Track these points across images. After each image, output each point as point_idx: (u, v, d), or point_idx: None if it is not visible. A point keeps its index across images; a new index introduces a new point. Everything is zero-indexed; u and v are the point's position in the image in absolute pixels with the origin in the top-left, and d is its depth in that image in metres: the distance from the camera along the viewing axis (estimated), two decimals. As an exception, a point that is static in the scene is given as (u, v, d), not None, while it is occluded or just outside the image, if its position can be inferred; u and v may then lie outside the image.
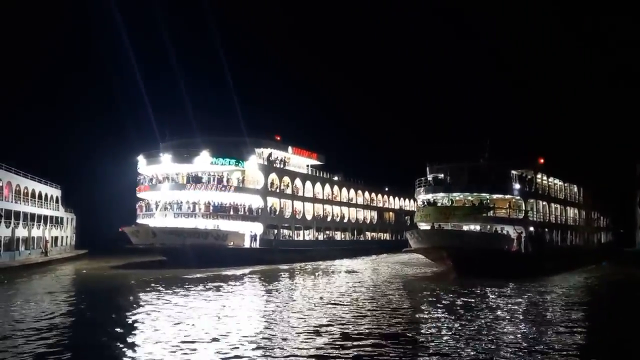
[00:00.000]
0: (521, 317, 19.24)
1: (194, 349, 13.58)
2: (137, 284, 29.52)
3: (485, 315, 19.18)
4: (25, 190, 44.73)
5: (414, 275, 36.07)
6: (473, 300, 23.21)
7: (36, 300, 22.35)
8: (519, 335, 15.81)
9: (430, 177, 39.90)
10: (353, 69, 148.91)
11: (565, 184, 46.79)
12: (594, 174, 62.97)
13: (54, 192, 52.20)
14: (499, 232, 37.35)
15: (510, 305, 21.78)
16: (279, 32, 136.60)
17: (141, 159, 48.09)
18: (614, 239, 61.99)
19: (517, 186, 38.63)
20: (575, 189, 49.20)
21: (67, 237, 55.53)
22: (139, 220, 47.91)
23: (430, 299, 23.73)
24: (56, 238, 51.39)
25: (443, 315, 19.34)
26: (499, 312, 19.96)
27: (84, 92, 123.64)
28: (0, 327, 16.27)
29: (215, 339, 14.62)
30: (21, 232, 42.22)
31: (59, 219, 52.77)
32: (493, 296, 24.57)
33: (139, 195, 49.27)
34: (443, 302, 22.67)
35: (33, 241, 44.50)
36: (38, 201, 47.02)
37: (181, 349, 13.54)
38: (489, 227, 37.60)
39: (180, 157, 46.33)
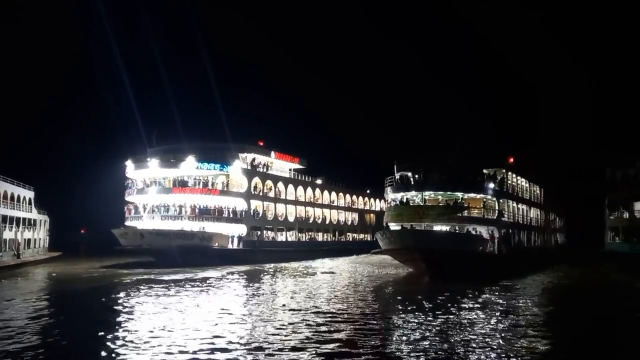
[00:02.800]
0: (499, 322, 18.12)
1: (168, 346, 13.83)
2: (116, 285, 29.64)
3: (462, 322, 17.83)
4: None
5: (390, 277, 34.44)
6: (449, 305, 21.41)
7: (12, 303, 21.94)
8: (493, 340, 15.04)
9: (397, 176, 38.27)
10: (334, 77, 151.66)
11: (530, 185, 46.53)
12: (556, 175, 65.30)
13: (27, 193, 50.58)
14: (472, 232, 36.13)
15: (488, 311, 20.46)
16: (261, 43, 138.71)
17: (129, 164, 49.72)
18: (566, 240, 62.58)
19: (490, 185, 37.57)
20: (537, 190, 49.21)
21: (40, 239, 53.86)
22: (128, 223, 49.41)
23: (401, 305, 21.92)
24: (29, 240, 49.81)
25: (414, 321, 17.82)
26: (476, 318, 18.72)
27: (71, 99, 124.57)
28: None
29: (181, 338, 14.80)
30: None
31: (32, 221, 51.12)
32: (470, 301, 22.97)
33: (127, 198, 50.78)
34: (415, 306, 21.02)
35: (5, 243, 43.25)
36: (10, 203, 45.70)
37: (152, 346, 13.86)
38: (457, 227, 36.08)
39: (167, 162, 48.05)
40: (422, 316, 18.75)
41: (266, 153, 55.69)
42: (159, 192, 48.06)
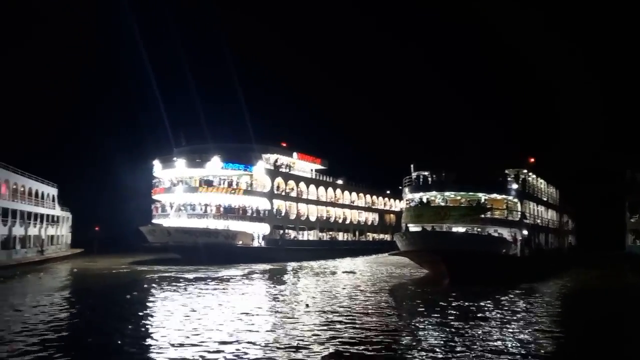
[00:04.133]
0: (526, 328, 17.32)
1: (199, 344, 14.09)
2: (142, 282, 30.35)
3: (488, 327, 17.15)
4: (22, 189, 43.58)
5: (409, 279, 33.63)
6: (471, 308, 20.85)
7: (42, 298, 22.41)
8: (512, 345, 14.62)
9: (414, 176, 37.21)
10: (353, 81, 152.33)
11: (546, 186, 45.45)
12: (571, 176, 64.32)
13: (51, 190, 50.80)
14: (493, 234, 34.78)
15: (518, 315, 19.75)
16: (285, 48, 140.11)
17: (157, 164, 51.05)
18: (577, 242, 61.39)
19: (514, 186, 36.19)
20: (553, 191, 48.12)
21: (63, 235, 54.10)
22: (155, 221, 50.71)
23: (422, 308, 21.37)
24: (52, 237, 50.05)
25: (435, 323, 17.62)
26: (506, 323, 17.93)
27: (100, 100, 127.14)
28: (12, 325, 16.50)
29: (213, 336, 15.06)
30: (18, 230, 41.16)
31: (55, 218, 51.43)
32: (495, 304, 22.18)
33: (155, 197, 52.15)
34: (438, 308, 20.68)
35: (30, 240, 43.43)
36: (35, 199, 46.06)
37: (182, 345, 14.03)
38: (479, 229, 34.73)
39: (194, 162, 49.26)
40: (444, 319, 18.45)
41: (289, 154, 56.58)
42: (185, 191, 49.26)
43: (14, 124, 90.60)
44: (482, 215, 34.36)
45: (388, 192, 77.56)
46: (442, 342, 14.91)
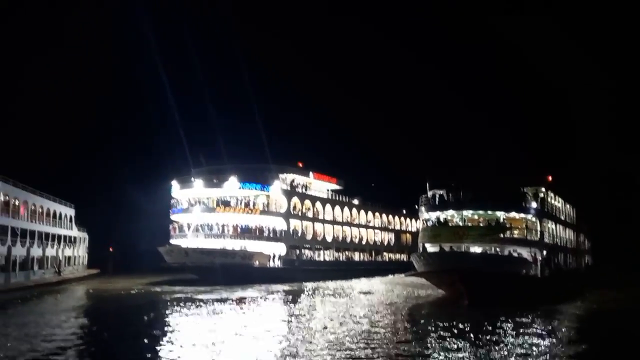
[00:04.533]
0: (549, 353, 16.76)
1: None
2: (159, 302, 30.50)
3: (510, 353, 16.66)
4: (40, 210, 43.53)
5: (427, 300, 33.13)
6: (495, 331, 20.26)
7: (60, 319, 22.67)
8: None
9: (430, 194, 36.87)
10: (372, 96, 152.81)
11: (563, 204, 44.09)
12: (587, 193, 62.86)
13: (68, 211, 50.81)
14: (512, 254, 33.76)
15: (541, 339, 19.21)
16: (303, 62, 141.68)
17: (175, 184, 51.44)
18: (593, 261, 58.83)
19: (533, 205, 35.45)
20: (570, 209, 46.64)
21: (79, 256, 54.03)
22: (173, 241, 50.98)
23: (441, 330, 20.70)
24: (69, 257, 49.91)
25: (454, 347, 17.17)
26: (531, 347, 17.40)
27: (118, 121, 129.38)
28: (33, 344, 16.76)
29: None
30: (36, 251, 40.94)
31: (72, 239, 51.42)
32: (516, 327, 21.49)
33: (173, 217, 52.46)
34: (456, 331, 20.26)
35: (47, 260, 43.19)
36: (52, 220, 45.99)
37: None
38: (498, 249, 33.88)
39: (211, 183, 49.60)
40: (464, 343, 17.93)
41: (305, 174, 56.70)
42: (203, 211, 49.49)
43: (32, 144, 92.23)
44: (502, 235, 33.70)
45: (404, 211, 77.11)
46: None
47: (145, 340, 17.71)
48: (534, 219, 35.56)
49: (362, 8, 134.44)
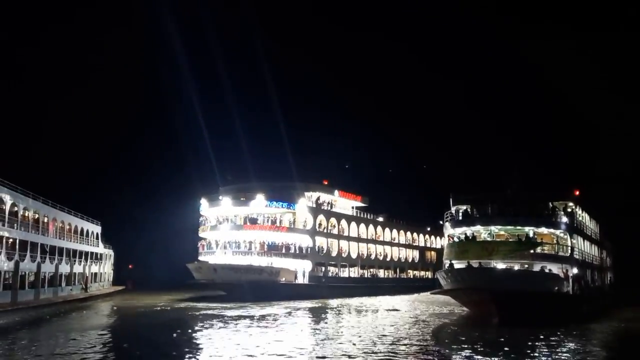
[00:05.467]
0: None
1: None
2: (186, 319, 30.42)
3: None
4: (69, 227, 43.87)
5: (454, 319, 32.13)
6: (530, 354, 19.16)
7: (90, 334, 22.95)
8: None
9: (453, 210, 35.81)
10: (396, 110, 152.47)
11: (589, 220, 42.74)
12: (609, 210, 61.00)
13: (94, 228, 51.18)
14: (543, 270, 32.32)
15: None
16: (329, 82, 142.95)
17: (204, 202, 52.20)
18: (615, 279, 55.62)
19: (564, 220, 34.01)
20: (594, 225, 44.73)
21: (105, 273, 54.33)
22: (201, 258, 51.60)
23: (471, 351, 19.78)
24: (95, 274, 50.11)
25: None
26: None
27: (148, 139, 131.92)
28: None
29: None
30: (64, 268, 41.02)
31: (99, 255, 51.63)
32: (556, 349, 20.45)
33: (201, 234, 53.13)
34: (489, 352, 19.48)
35: (74, 277, 43.38)
36: (80, 237, 46.28)
37: None
38: (527, 265, 32.54)
39: (238, 201, 50.20)
40: None
41: (330, 192, 56.94)
42: (231, 228, 50.04)
43: (60, 161, 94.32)
44: (533, 251, 32.35)
45: (428, 228, 76.56)
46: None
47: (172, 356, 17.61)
48: (564, 234, 34.20)
49: (389, 24, 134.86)
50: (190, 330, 25.18)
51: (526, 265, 32.53)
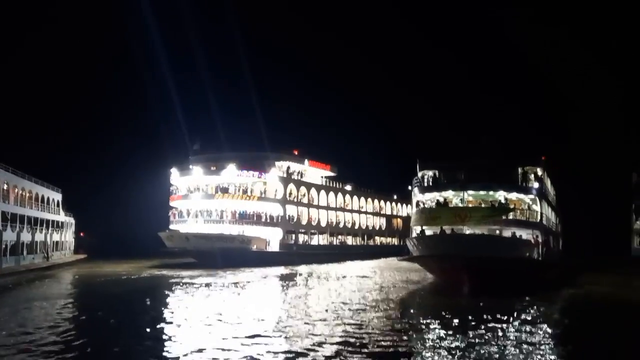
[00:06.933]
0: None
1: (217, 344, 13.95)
2: (157, 286, 29.84)
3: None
4: (29, 194, 42.00)
5: (422, 285, 30.63)
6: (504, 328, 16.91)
7: (54, 303, 21.91)
8: None
9: (420, 175, 34.12)
10: (363, 82, 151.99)
11: (551, 186, 42.13)
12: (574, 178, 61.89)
13: (55, 195, 49.17)
14: (514, 237, 30.84)
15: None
16: (298, 48, 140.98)
17: (174, 171, 51.29)
18: (563, 246, 53.64)
19: (535, 185, 32.73)
20: (553, 190, 43.71)
21: (67, 241, 52.42)
22: (172, 227, 50.99)
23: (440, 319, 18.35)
24: (57, 242, 48.06)
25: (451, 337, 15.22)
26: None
27: (117, 107, 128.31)
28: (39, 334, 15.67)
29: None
30: (25, 236, 39.34)
31: (60, 223, 49.80)
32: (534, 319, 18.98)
33: (172, 203, 52.36)
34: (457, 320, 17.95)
35: (36, 245, 41.70)
36: (41, 205, 44.53)
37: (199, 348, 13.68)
38: (498, 231, 31.08)
39: (209, 170, 49.61)
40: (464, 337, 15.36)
41: (300, 161, 56.77)
42: (202, 197, 49.48)
43: (20, 126, 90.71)
44: (505, 217, 30.86)
45: (395, 197, 77.58)
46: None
47: (145, 324, 17.11)
48: (534, 200, 32.99)
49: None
50: (163, 297, 24.64)
51: (497, 232, 31.25)
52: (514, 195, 32.72)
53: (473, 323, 17.44)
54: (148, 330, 16.35)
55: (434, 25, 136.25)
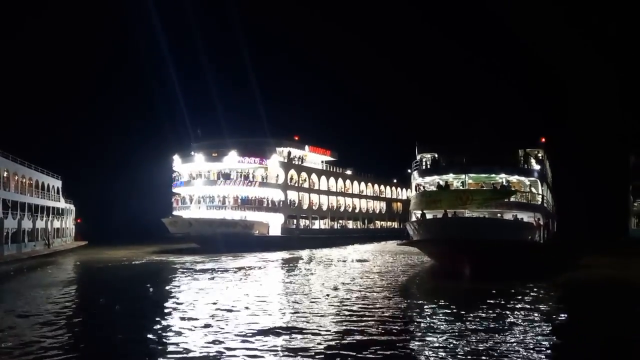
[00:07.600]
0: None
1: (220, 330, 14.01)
2: (160, 271, 29.90)
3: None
4: (29, 182, 41.91)
5: (422, 269, 30.61)
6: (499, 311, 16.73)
7: (56, 291, 21.75)
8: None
9: (418, 158, 33.50)
10: (359, 66, 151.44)
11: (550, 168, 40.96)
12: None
13: (55, 182, 48.92)
14: (517, 219, 30.38)
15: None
16: (297, 36, 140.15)
17: (177, 158, 51.47)
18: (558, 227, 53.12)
19: (537, 167, 32.28)
20: (550, 173, 42.63)
21: (67, 228, 52.27)
22: (175, 212, 51.32)
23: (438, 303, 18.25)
24: (57, 229, 48.05)
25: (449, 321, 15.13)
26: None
27: (119, 99, 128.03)
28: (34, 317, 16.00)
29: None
30: (27, 223, 39.36)
31: (60, 210, 49.65)
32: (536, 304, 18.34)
33: (175, 190, 52.67)
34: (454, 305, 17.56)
35: (37, 232, 41.73)
36: (41, 192, 44.35)
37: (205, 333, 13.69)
38: (499, 214, 30.46)
39: (211, 157, 49.76)
40: (461, 320, 15.27)
41: (301, 147, 56.90)
42: (204, 184, 49.74)
43: (21, 113, 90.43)
44: (507, 199, 30.06)
45: (395, 181, 77.86)
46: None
47: (140, 311, 17.14)
48: (536, 183, 32.46)
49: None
50: (167, 282, 24.58)
51: (498, 215, 30.58)
52: (515, 178, 32.09)
53: (475, 307, 17.25)
54: (149, 316, 16.29)
55: (434, 13, 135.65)
